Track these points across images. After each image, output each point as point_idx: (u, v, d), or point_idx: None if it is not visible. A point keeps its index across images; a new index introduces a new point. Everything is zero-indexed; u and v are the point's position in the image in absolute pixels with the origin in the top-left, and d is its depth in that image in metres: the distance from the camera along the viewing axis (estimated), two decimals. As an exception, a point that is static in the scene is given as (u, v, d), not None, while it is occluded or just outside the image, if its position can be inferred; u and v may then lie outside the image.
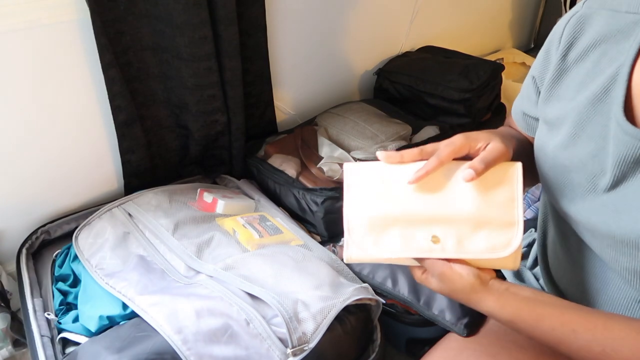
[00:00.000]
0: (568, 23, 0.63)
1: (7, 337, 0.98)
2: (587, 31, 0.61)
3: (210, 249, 0.97)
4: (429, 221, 0.63)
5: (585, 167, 0.60)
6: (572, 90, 0.62)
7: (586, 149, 0.60)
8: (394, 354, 1.06)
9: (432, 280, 0.66)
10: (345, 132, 1.33)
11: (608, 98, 0.57)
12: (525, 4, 2.10)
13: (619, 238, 0.56)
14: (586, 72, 0.61)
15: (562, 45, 0.63)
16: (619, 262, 0.59)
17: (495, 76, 1.49)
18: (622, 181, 0.57)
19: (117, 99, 1.06)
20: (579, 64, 0.62)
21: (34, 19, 0.94)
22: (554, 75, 0.64)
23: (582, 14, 0.62)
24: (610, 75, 0.57)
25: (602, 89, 0.58)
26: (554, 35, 0.65)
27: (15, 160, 1.05)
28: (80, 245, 1.00)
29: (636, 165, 0.55)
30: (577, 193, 0.62)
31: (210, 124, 1.20)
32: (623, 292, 0.64)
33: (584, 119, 0.60)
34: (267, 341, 0.79)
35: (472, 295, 0.64)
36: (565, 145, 0.62)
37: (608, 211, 0.58)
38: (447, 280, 0.64)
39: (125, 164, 1.16)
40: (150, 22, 1.05)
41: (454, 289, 0.64)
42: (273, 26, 1.27)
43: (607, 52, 0.59)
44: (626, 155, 0.55)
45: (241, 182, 1.25)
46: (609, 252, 0.60)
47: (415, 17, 1.63)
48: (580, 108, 0.60)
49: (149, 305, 0.82)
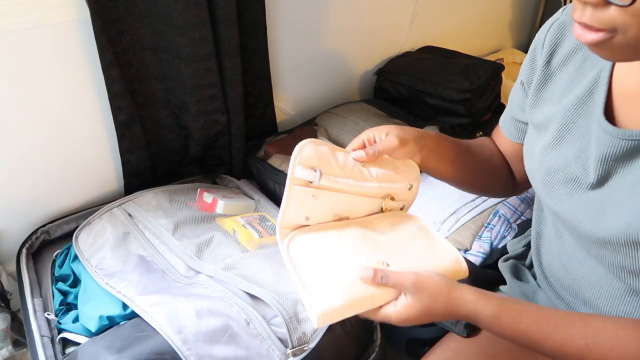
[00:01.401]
0: (549, 30, 0.66)
1: (7, 337, 0.98)
2: (568, 37, 0.64)
3: (210, 249, 0.97)
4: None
5: (569, 167, 0.62)
6: (558, 94, 0.65)
7: (570, 150, 0.62)
8: (394, 354, 1.06)
9: (406, 300, 0.59)
10: (345, 132, 1.33)
11: (591, 100, 0.60)
12: (525, 4, 2.10)
13: (604, 234, 0.58)
14: (570, 76, 0.64)
15: (544, 51, 0.66)
16: (606, 258, 0.61)
17: (495, 76, 1.49)
18: (606, 180, 0.59)
19: (117, 99, 1.06)
20: (562, 69, 0.65)
21: (34, 19, 0.94)
22: (540, 81, 0.67)
23: (562, 20, 0.65)
24: (593, 79, 0.60)
25: (585, 91, 0.61)
26: (537, 43, 0.69)
27: (16, 160, 1.05)
28: (80, 246, 1.00)
29: (617, 163, 0.57)
30: (564, 192, 0.64)
31: (210, 124, 1.20)
32: (617, 288, 0.65)
33: (569, 121, 0.62)
34: (267, 341, 0.79)
35: (453, 295, 0.59)
36: (552, 146, 0.65)
37: (594, 209, 0.59)
38: (423, 287, 0.59)
39: (125, 164, 1.16)
40: (150, 22, 1.05)
41: (432, 293, 0.59)
42: (273, 26, 1.27)
43: (589, 56, 0.62)
44: (607, 154, 0.57)
45: (241, 182, 1.25)
46: (596, 249, 0.62)
47: (415, 17, 1.63)
48: (565, 111, 0.63)
49: (149, 306, 0.82)
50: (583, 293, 0.69)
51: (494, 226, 1.06)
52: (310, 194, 0.64)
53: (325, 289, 0.59)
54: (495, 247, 1.04)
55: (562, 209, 0.64)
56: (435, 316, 0.60)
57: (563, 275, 0.72)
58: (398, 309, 0.59)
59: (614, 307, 0.66)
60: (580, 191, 0.62)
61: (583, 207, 0.61)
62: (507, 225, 1.07)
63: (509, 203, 1.11)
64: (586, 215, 0.60)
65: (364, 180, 0.66)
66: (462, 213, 1.09)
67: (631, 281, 0.61)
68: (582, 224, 0.61)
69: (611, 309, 0.66)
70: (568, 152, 0.62)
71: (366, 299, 0.59)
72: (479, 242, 1.05)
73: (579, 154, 0.61)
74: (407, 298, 0.59)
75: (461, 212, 1.10)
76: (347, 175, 0.65)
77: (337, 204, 0.66)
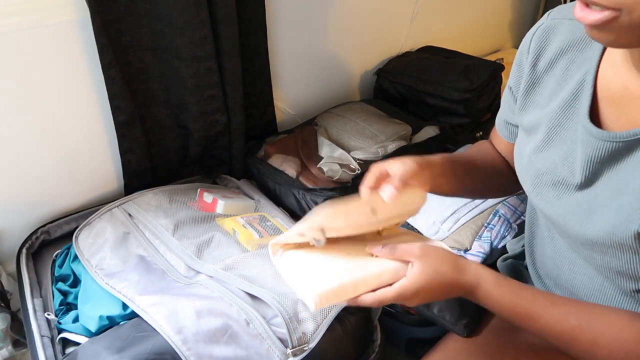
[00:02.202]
0: (534, 35, 0.67)
1: (7, 337, 0.98)
2: (552, 41, 0.65)
3: (210, 249, 0.97)
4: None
5: (557, 170, 0.63)
6: (545, 97, 0.66)
7: (558, 153, 0.63)
8: (394, 354, 1.06)
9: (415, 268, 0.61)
10: (345, 132, 1.33)
11: (577, 103, 0.61)
12: (525, 4, 2.10)
13: (591, 236, 0.58)
14: (556, 79, 0.64)
15: (530, 56, 0.67)
16: (594, 259, 0.62)
17: (495, 76, 1.49)
18: (593, 181, 0.59)
19: (117, 99, 1.06)
20: (548, 73, 0.65)
21: (34, 19, 0.94)
22: (527, 85, 0.68)
23: (547, 25, 0.66)
24: (578, 82, 0.61)
25: (571, 94, 0.61)
26: (523, 47, 0.69)
27: (15, 160, 1.05)
28: (80, 246, 1.00)
29: (603, 165, 0.57)
30: (553, 194, 0.64)
31: (210, 124, 1.20)
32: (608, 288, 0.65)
33: (556, 124, 0.63)
34: (267, 341, 0.79)
35: (458, 260, 0.62)
36: (540, 149, 0.65)
37: (581, 210, 0.60)
38: (430, 255, 0.61)
39: (125, 164, 1.16)
40: (150, 22, 1.05)
41: (440, 256, 0.62)
42: (273, 26, 1.27)
43: (574, 59, 0.62)
44: (592, 156, 0.58)
45: (241, 182, 1.25)
46: (584, 250, 0.62)
47: (415, 17, 1.63)
48: (552, 114, 0.63)
49: (149, 306, 0.82)
50: (576, 293, 0.70)
51: (494, 226, 1.06)
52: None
53: (320, 275, 0.62)
54: (495, 247, 1.04)
55: (551, 211, 0.65)
56: (444, 283, 0.61)
57: (556, 276, 0.73)
58: (409, 278, 0.60)
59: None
60: (568, 193, 0.62)
61: (571, 208, 0.61)
62: (507, 225, 1.07)
63: (509, 203, 1.11)
64: (574, 217, 0.61)
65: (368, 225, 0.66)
66: (462, 213, 1.09)
67: (619, 281, 0.61)
68: (570, 225, 0.62)
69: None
70: (556, 154, 0.63)
71: (360, 282, 0.61)
72: (479, 242, 1.05)
73: (567, 156, 0.62)
74: (415, 265, 0.61)
75: (461, 212, 1.10)
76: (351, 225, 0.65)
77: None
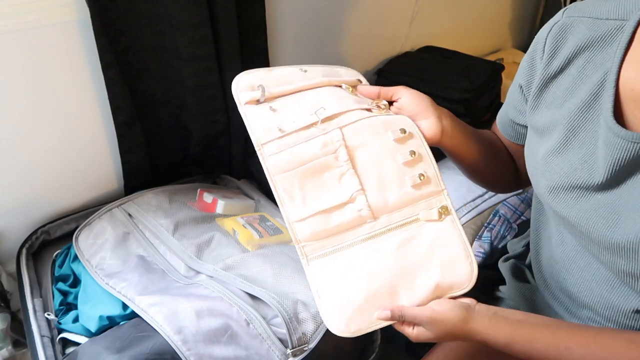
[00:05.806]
0: (550, 32, 0.65)
1: (7, 337, 0.98)
2: (569, 39, 0.63)
3: (210, 249, 0.97)
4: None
5: (576, 172, 0.61)
6: (560, 97, 0.64)
7: (577, 155, 0.61)
8: (394, 354, 1.06)
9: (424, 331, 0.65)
10: (345, 132, 1.33)
11: (597, 104, 0.59)
12: (525, 4, 2.10)
13: (619, 239, 0.57)
14: (572, 79, 0.62)
15: (545, 54, 0.65)
16: (617, 264, 0.60)
17: (495, 76, 1.49)
18: (618, 183, 0.58)
19: (117, 99, 1.06)
20: (564, 72, 0.64)
21: (34, 19, 0.94)
22: (540, 84, 0.66)
23: (563, 23, 0.64)
24: (598, 82, 0.59)
25: (591, 95, 0.60)
26: (537, 45, 0.67)
27: (15, 160, 1.05)
28: (80, 246, 0.99)
29: (629, 167, 0.56)
30: (571, 197, 0.63)
31: (210, 124, 1.20)
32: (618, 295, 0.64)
33: (574, 125, 0.61)
34: (267, 341, 0.79)
35: (466, 327, 0.63)
36: (557, 151, 0.63)
37: (606, 213, 0.59)
38: (438, 322, 0.63)
39: (125, 164, 1.16)
40: (150, 22, 1.05)
41: (448, 329, 0.63)
42: (273, 26, 1.27)
43: (591, 58, 0.61)
44: (619, 158, 0.56)
45: (241, 182, 1.25)
46: (606, 254, 0.61)
47: (415, 17, 1.63)
48: (570, 115, 0.62)
49: (149, 306, 0.82)
50: (582, 298, 0.69)
51: (494, 226, 1.06)
52: (267, 108, 0.68)
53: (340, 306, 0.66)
54: (495, 247, 1.04)
55: (570, 214, 0.63)
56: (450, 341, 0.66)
57: (563, 279, 0.72)
58: (415, 333, 0.66)
59: (613, 313, 0.65)
60: (587, 195, 0.61)
61: (594, 210, 0.60)
62: (507, 225, 1.07)
63: (509, 203, 1.11)
64: (599, 220, 0.59)
65: (309, 79, 0.70)
66: (462, 213, 1.09)
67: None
68: (594, 228, 0.60)
69: (610, 314, 0.66)
70: (574, 157, 0.62)
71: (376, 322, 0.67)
72: (479, 242, 1.05)
73: (586, 159, 0.60)
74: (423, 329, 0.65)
75: (461, 212, 1.10)
76: (290, 80, 0.68)
77: (303, 101, 0.69)
